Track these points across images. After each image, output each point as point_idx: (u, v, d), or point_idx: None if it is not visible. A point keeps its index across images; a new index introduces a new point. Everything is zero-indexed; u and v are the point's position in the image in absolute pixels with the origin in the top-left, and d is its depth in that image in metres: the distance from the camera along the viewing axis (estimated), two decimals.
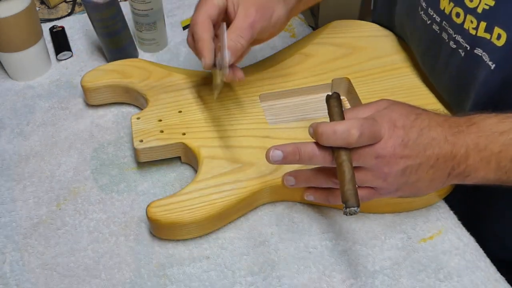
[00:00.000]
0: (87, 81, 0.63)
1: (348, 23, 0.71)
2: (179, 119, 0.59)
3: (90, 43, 0.76)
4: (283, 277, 0.51)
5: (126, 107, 0.66)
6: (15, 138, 0.63)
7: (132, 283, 0.50)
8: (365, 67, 0.65)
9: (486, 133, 0.47)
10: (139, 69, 0.64)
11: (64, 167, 0.60)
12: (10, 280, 0.50)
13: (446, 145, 0.46)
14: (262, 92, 0.62)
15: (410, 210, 0.55)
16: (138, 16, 0.70)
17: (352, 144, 0.44)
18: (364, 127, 0.44)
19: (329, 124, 0.45)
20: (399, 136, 0.45)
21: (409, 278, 0.50)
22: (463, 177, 0.48)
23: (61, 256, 0.52)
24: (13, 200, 0.57)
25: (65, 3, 0.84)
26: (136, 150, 0.56)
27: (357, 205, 0.42)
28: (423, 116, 0.47)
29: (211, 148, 0.56)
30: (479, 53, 0.52)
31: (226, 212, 0.52)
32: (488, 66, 0.51)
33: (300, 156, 0.46)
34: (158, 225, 0.51)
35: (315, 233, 0.54)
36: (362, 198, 0.48)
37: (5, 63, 0.69)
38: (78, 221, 0.55)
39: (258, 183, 0.53)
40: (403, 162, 0.45)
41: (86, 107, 0.66)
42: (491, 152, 0.46)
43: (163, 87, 0.62)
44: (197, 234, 0.53)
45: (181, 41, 0.76)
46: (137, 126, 0.58)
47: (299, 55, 0.66)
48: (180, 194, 0.52)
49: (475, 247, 0.53)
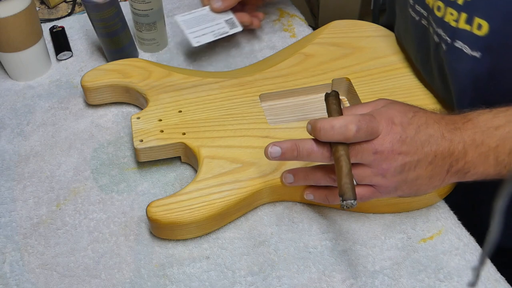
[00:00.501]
0: (87, 81, 0.63)
1: (348, 23, 0.71)
2: (179, 119, 0.59)
3: (90, 43, 0.76)
4: (283, 277, 0.51)
5: (126, 107, 0.66)
6: (15, 138, 0.63)
7: (132, 283, 0.50)
8: (365, 67, 0.65)
9: (482, 129, 0.47)
10: (139, 68, 0.64)
11: (64, 167, 0.60)
12: (10, 280, 0.50)
13: (443, 141, 0.47)
14: (262, 92, 0.62)
15: (410, 210, 0.55)
16: (138, 16, 0.70)
17: (350, 139, 0.45)
18: (361, 122, 0.44)
19: (327, 119, 0.45)
20: (397, 133, 0.46)
21: (409, 278, 0.50)
22: (463, 173, 0.48)
23: (61, 256, 0.52)
24: (13, 200, 0.57)
25: (65, 3, 0.84)
26: (136, 150, 0.56)
27: (353, 198, 0.43)
28: (420, 113, 0.48)
29: (211, 148, 0.56)
30: (459, 46, 0.53)
31: (226, 212, 0.52)
32: (470, 57, 0.52)
33: (299, 152, 0.47)
34: (158, 225, 0.51)
35: (315, 233, 0.54)
36: (362, 198, 0.48)
37: (5, 63, 0.69)
38: (78, 221, 0.55)
39: (258, 183, 0.53)
40: (401, 158, 0.46)
41: (86, 107, 0.66)
42: (488, 147, 0.47)
43: (163, 87, 0.62)
44: (197, 234, 0.53)
45: (181, 41, 0.76)
46: (137, 126, 0.58)
47: (299, 55, 0.66)
48: (180, 194, 0.52)
49: (475, 247, 0.53)
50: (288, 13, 0.81)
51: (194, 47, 0.73)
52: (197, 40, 0.68)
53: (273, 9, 0.81)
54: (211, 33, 0.68)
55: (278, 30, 0.78)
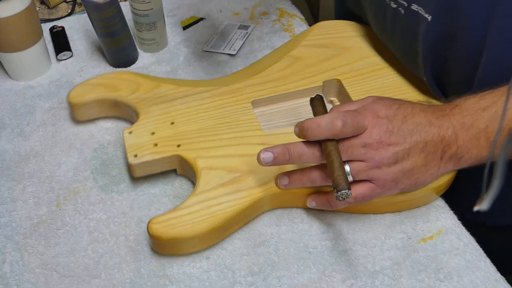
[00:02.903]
0: (74, 97, 0.61)
1: (332, 23, 0.71)
2: (173, 131, 0.57)
3: (90, 43, 0.76)
4: (283, 277, 0.51)
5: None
6: (15, 138, 0.63)
7: (132, 283, 0.50)
8: (355, 67, 0.65)
9: (470, 112, 0.48)
10: (127, 81, 0.62)
11: (64, 167, 0.60)
12: (10, 280, 0.50)
13: (431, 128, 0.48)
14: (253, 99, 0.61)
15: (410, 208, 0.55)
16: (138, 16, 0.70)
17: (337, 134, 0.45)
18: (346, 117, 0.45)
19: (313, 118, 0.46)
20: (383, 124, 0.47)
21: (409, 278, 0.50)
22: (457, 159, 0.49)
23: (61, 256, 0.52)
24: (13, 200, 0.57)
25: (65, 3, 0.84)
26: (130, 165, 0.55)
27: (347, 188, 0.44)
28: (406, 105, 0.49)
29: (207, 159, 0.55)
30: (415, 9, 0.54)
31: (228, 224, 0.51)
32: (426, 19, 0.53)
33: (290, 155, 0.47)
34: (160, 241, 0.50)
35: (315, 233, 0.54)
36: (363, 197, 0.48)
37: (5, 63, 0.69)
38: (78, 221, 0.55)
39: (258, 192, 0.52)
40: (391, 148, 0.46)
41: None
42: (478, 129, 0.48)
43: (153, 99, 0.61)
44: (200, 248, 0.52)
45: (181, 41, 0.76)
46: (130, 141, 0.56)
47: (288, 59, 0.66)
48: (181, 208, 0.51)
49: (475, 247, 0.53)
50: (288, 13, 0.81)
51: (194, 46, 0.73)
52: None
53: (273, 9, 0.81)
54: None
55: (278, 30, 0.78)
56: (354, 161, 0.47)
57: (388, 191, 0.49)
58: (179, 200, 0.57)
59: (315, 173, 0.49)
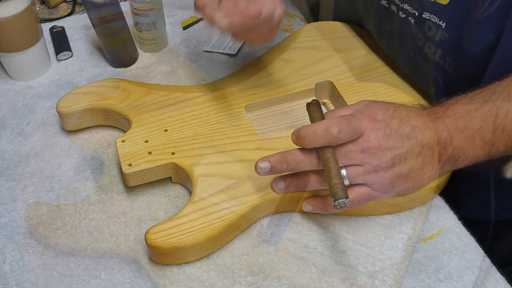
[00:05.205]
0: (63, 107, 0.60)
1: (322, 25, 0.71)
2: (166, 138, 0.57)
3: (90, 43, 0.76)
4: (283, 277, 0.51)
5: None
6: (15, 138, 0.63)
7: (132, 283, 0.50)
8: (346, 68, 0.65)
9: (462, 113, 0.48)
10: (117, 89, 0.62)
11: (64, 167, 0.60)
12: (10, 280, 0.50)
13: (427, 131, 0.48)
14: (247, 103, 0.61)
15: (409, 208, 0.55)
16: (138, 16, 0.70)
17: (333, 141, 0.45)
18: (342, 123, 0.45)
19: (308, 126, 0.46)
20: (381, 128, 0.47)
21: (409, 278, 0.50)
22: (454, 160, 0.49)
23: (61, 256, 0.52)
24: (13, 200, 0.57)
25: (65, 3, 0.84)
26: (125, 175, 0.54)
27: (345, 197, 0.44)
28: (401, 108, 0.49)
29: (203, 166, 0.54)
30: (427, 17, 0.54)
31: (227, 231, 0.50)
32: (440, 26, 0.53)
33: (288, 163, 0.48)
34: (159, 251, 0.49)
35: (315, 233, 0.54)
36: (359, 201, 0.48)
37: (5, 63, 0.69)
38: (78, 221, 0.55)
39: (256, 197, 0.52)
40: (389, 153, 0.46)
41: None
42: (472, 130, 0.48)
43: (145, 106, 0.60)
44: (199, 256, 0.51)
45: (181, 41, 0.76)
46: (124, 150, 0.55)
47: (279, 62, 0.66)
48: (179, 217, 0.50)
49: (475, 247, 0.53)
50: (288, 13, 0.81)
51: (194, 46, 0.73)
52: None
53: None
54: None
55: (278, 30, 0.77)
56: (352, 166, 0.47)
57: (384, 195, 0.49)
58: (179, 200, 0.57)
59: (311, 177, 0.49)
